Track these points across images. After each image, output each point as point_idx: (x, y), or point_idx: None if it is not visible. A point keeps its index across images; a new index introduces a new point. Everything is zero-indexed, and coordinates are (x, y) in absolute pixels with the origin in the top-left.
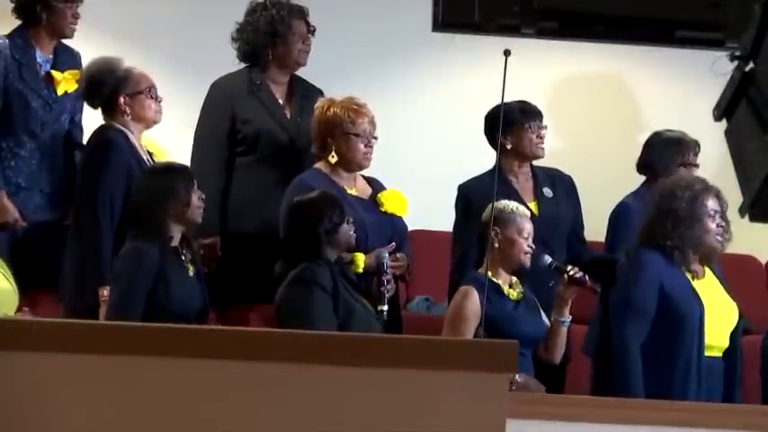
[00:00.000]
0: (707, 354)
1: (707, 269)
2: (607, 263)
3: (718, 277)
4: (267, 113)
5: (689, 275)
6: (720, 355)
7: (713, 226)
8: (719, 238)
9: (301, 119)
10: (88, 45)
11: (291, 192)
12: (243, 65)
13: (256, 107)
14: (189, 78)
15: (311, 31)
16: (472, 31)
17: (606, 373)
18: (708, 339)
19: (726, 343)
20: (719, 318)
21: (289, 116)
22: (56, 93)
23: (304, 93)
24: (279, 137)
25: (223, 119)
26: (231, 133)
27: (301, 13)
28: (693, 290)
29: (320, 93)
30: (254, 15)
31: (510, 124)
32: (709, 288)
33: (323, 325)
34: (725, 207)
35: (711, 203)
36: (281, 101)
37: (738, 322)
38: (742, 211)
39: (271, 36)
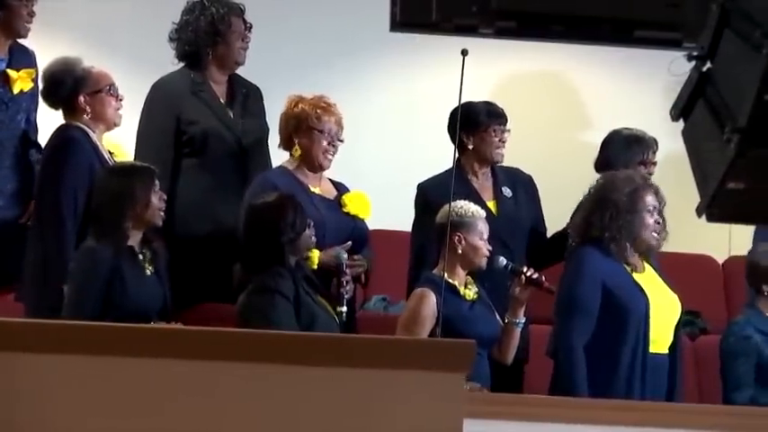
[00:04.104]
0: (652, 350)
1: (646, 263)
2: (563, 236)
3: (657, 271)
4: (212, 114)
5: (628, 268)
6: (666, 351)
7: (651, 221)
8: (656, 234)
9: (244, 119)
10: (45, 44)
11: (254, 189)
12: (180, 64)
13: (201, 108)
14: (147, 76)
15: (248, 28)
16: (430, 31)
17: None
18: (652, 334)
19: (670, 338)
20: (663, 311)
21: (232, 116)
22: (11, 92)
23: (245, 92)
24: (226, 137)
25: (168, 120)
26: (176, 134)
27: (239, 11)
28: (636, 283)
29: (259, 90)
30: (192, 14)
31: (474, 125)
32: (650, 281)
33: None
34: (663, 204)
35: (650, 199)
36: (222, 100)
37: (681, 316)
38: (699, 211)
39: (212, 36)
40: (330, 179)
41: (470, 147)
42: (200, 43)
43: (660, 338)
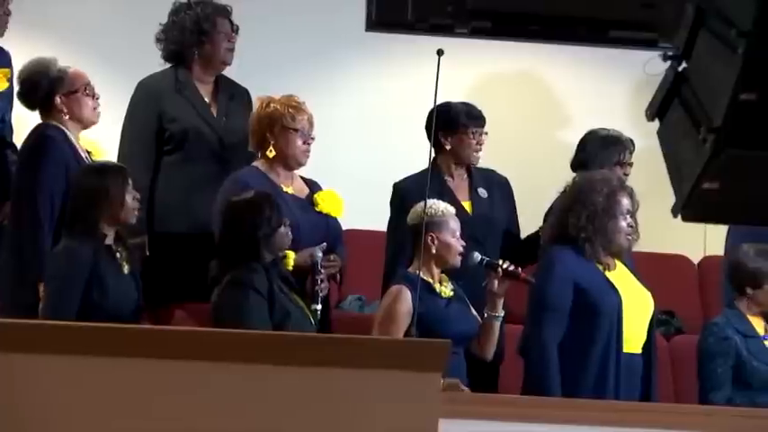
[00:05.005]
0: (626, 350)
1: (618, 262)
2: (536, 238)
3: (629, 269)
4: (194, 112)
5: (600, 267)
6: (639, 351)
7: (624, 224)
8: (628, 237)
9: (227, 118)
10: (21, 43)
11: (227, 188)
12: (168, 65)
13: (183, 106)
14: (125, 76)
15: (235, 29)
16: (406, 30)
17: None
18: (626, 333)
19: (643, 337)
20: (636, 308)
21: (215, 115)
22: None
23: (231, 92)
24: (206, 135)
25: (150, 118)
26: (158, 132)
27: (225, 12)
28: (608, 281)
29: (247, 92)
30: (179, 15)
31: (453, 126)
32: (622, 279)
33: (258, 328)
34: (636, 207)
35: (625, 202)
36: (207, 99)
37: (653, 313)
38: (674, 211)
39: (197, 35)
40: (302, 177)
41: (448, 147)
42: (185, 42)
43: (633, 337)
